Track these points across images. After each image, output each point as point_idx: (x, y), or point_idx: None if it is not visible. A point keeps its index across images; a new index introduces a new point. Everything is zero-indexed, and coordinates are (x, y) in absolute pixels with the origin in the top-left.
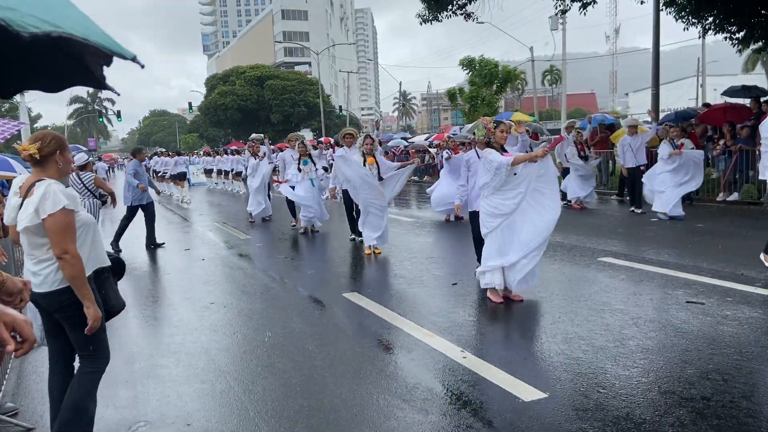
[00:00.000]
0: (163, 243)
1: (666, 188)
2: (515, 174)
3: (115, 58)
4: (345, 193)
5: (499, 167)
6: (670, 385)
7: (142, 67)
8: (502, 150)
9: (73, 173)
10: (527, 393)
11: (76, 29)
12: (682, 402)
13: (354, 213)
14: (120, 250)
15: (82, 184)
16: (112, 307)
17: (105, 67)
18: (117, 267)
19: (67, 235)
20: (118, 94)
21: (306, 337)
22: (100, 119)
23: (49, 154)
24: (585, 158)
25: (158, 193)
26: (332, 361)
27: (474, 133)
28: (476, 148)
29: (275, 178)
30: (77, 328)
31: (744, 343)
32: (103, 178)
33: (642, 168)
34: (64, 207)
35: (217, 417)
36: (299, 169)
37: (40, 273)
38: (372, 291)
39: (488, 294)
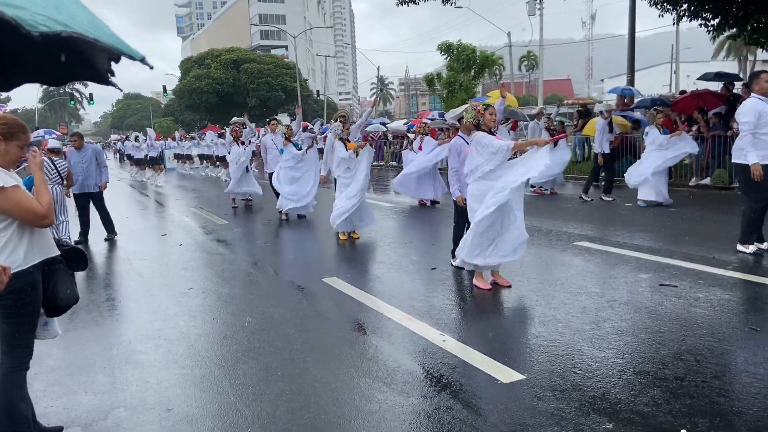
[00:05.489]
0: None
1: (652, 171)
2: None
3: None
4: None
5: (497, 152)
6: (644, 365)
7: (151, 68)
8: (490, 133)
9: (47, 158)
10: (506, 375)
11: (86, 29)
12: (656, 382)
13: None
14: None
15: (55, 171)
16: (62, 300)
17: (113, 63)
18: (75, 257)
19: (23, 208)
20: (121, 90)
21: (286, 321)
22: (72, 102)
23: None
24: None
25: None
26: (312, 345)
27: (462, 118)
28: (461, 133)
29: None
30: (6, 319)
31: (716, 325)
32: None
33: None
34: None
35: (198, 402)
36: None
37: None
38: (352, 276)
39: (475, 281)
